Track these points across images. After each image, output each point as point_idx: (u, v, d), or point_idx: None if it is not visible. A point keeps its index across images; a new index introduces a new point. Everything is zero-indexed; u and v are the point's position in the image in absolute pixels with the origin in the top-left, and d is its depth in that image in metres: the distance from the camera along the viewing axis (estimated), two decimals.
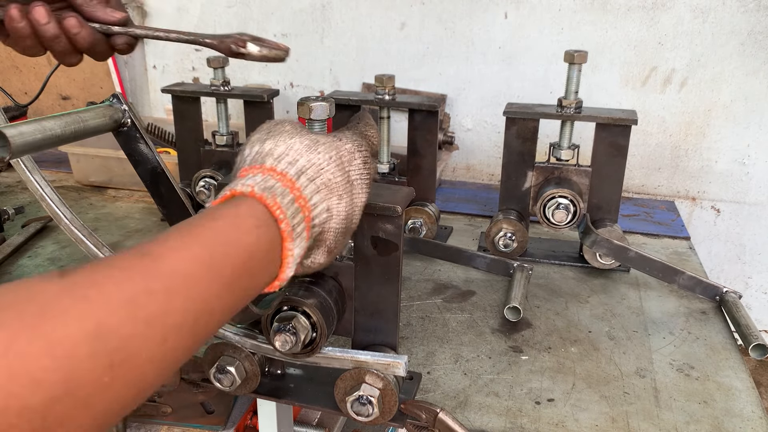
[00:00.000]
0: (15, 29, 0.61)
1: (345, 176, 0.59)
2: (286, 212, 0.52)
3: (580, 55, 1.15)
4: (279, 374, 0.87)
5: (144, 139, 0.70)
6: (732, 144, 1.72)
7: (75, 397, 0.35)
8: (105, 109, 0.65)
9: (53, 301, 0.36)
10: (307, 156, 0.57)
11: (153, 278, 0.41)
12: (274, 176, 0.54)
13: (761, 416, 0.85)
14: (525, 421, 0.84)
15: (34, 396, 0.33)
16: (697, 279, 1.12)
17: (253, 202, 0.51)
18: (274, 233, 0.51)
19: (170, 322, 0.41)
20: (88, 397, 0.36)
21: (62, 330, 0.35)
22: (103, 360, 0.37)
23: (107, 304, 0.38)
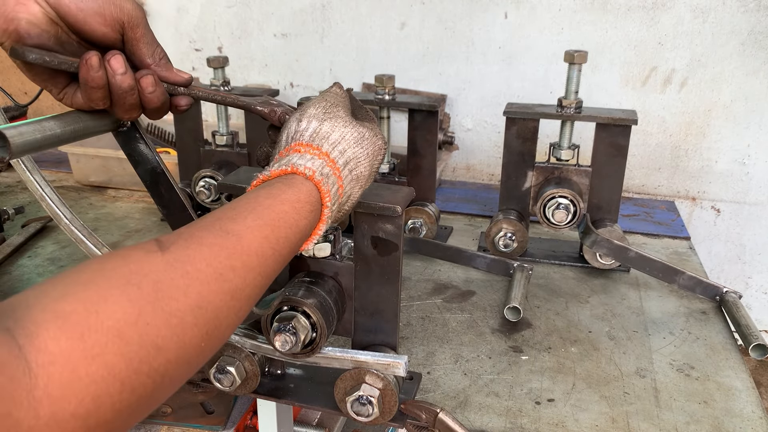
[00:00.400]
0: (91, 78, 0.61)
1: (371, 171, 0.66)
2: (332, 200, 0.59)
3: (580, 55, 1.15)
4: (279, 374, 0.87)
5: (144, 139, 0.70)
6: (732, 144, 1.72)
7: (183, 360, 0.42)
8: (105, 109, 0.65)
9: (163, 277, 0.42)
10: (353, 149, 0.63)
11: (235, 256, 0.47)
12: (328, 163, 0.60)
13: (761, 416, 0.85)
14: (525, 421, 0.84)
15: (157, 359, 0.39)
16: (697, 279, 1.12)
17: (312, 187, 0.58)
18: (318, 216, 0.58)
19: (245, 295, 0.48)
20: (190, 359, 0.43)
21: (174, 303, 0.42)
22: (203, 329, 0.43)
23: (202, 279, 0.44)
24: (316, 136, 0.62)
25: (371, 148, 0.65)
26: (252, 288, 0.49)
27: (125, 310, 0.39)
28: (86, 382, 0.35)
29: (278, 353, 0.76)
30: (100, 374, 0.36)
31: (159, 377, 0.40)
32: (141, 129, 0.71)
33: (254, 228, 0.51)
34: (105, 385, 0.36)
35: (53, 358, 0.34)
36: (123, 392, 0.37)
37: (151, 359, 0.39)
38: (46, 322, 0.35)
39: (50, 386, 0.34)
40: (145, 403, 0.40)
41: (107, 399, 0.36)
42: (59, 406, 0.34)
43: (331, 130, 0.62)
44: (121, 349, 0.37)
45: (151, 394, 0.40)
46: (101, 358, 0.36)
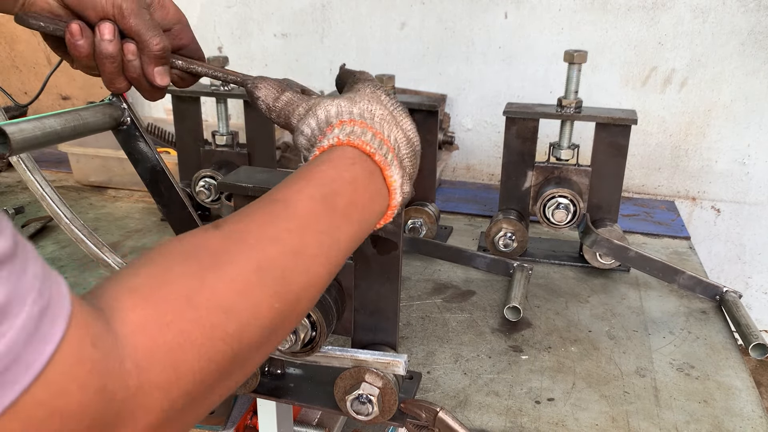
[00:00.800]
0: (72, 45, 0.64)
1: (387, 110, 0.64)
2: (374, 145, 0.58)
3: (580, 54, 1.15)
4: (279, 374, 0.87)
5: (144, 138, 0.70)
6: (732, 144, 1.73)
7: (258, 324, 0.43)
8: (105, 108, 0.65)
9: (220, 248, 0.44)
10: (356, 106, 0.63)
11: (288, 219, 0.49)
12: (348, 125, 0.60)
13: (761, 416, 0.85)
14: (525, 420, 0.83)
15: (230, 324, 0.40)
16: (697, 279, 1.12)
17: (343, 147, 0.58)
18: (371, 166, 0.58)
19: (309, 253, 0.49)
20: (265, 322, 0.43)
21: (236, 268, 0.43)
22: (271, 288, 0.44)
23: (260, 243, 0.45)
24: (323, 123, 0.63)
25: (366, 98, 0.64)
26: (316, 246, 0.49)
27: (188, 279, 0.40)
28: (164, 350, 0.36)
29: (278, 352, 0.76)
30: (176, 342, 0.37)
31: (236, 343, 0.40)
32: (141, 127, 0.71)
33: (297, 191, 0.52)
34: (182, 352, 0.37)
35: (134, 328, 0.36)
36: (201, 360, 0.38)
37: (224, 324, 0.40)
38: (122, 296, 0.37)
39: (136, 356, 0.35)
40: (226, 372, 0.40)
41: (186, 367, 0.37)
42: (145, 377, 0.35)
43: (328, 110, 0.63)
44: (192, 315, 0.38)
45: (231, 362, 0.40)
46: (175, 325, 0.37)
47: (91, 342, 0.33)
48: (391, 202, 0.60)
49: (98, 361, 0.33)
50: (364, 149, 0.58)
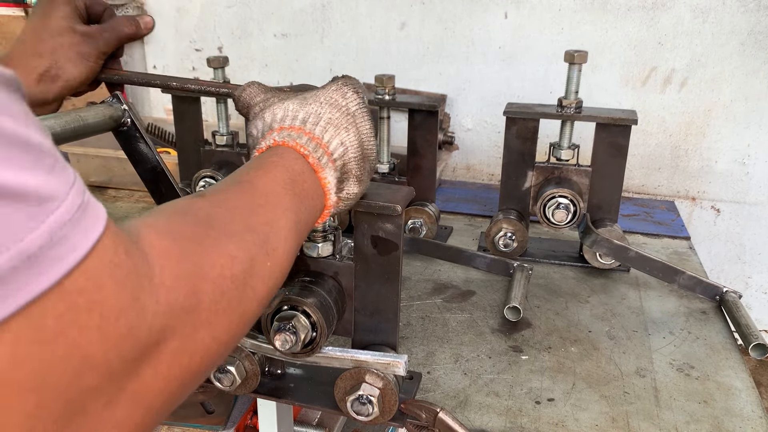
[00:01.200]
0: None
1: (342, 112, 0.66)
2: (308, 148, 0.62)
3: (580, 55, 1.15)
4: (279, 374, 0.87)
5: (144, 139, 0.70)
6: (732, 144, 1.73)
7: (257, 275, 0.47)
8: (105, 109, 0.65)
9: (211, 211, 0.48)
10: (303, 109, 0.65)
11: (257, 196, 0.53)
12: (286, 130, 0.64)
13: (761, 416, 0.85)
14: (525, 420, 0.84)
15: (235, 266, 0.44)
16: (697, 279, 1.12)
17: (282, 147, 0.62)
18: (308, 166, 0.62)
19: (282, 225, 0.53)
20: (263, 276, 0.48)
21: (229, 226, 0.47)
22: (261, 248, 0.48)
23: (242, 213, 0.50)
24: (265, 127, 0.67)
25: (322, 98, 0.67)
26: (285, 220, 0.54)
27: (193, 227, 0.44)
28: (186, 275, 0.39)
29: (278, 353, 0.76)
30: (194, 271, 0.40)
31: (242, 284, 0.44)
32: (141, 128, 0.71)
33: (260, 175, 0.56)
34: (199, 281, 0.40)
35: (161, 252, 0.38)
36: (215, 292, 0.41)
37: (230, 266, 0.44)
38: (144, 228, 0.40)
39: (164, 275, 0.37)
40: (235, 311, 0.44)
41: (204, 297, 0.40)
42: (172, 296, 0.37)
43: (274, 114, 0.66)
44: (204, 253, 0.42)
45: (240, 302, 0.44)
46: (190, 258, 0.41)
47: (124, 251, 0.35)
48: (326, 202, 0.64)
49: (132, 269, 0.35)
50: (299, 150, 0.62)
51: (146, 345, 0.35)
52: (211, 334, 0.41)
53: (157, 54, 2.10)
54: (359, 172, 0.67)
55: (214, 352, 0.42)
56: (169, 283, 0.37)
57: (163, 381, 0.37)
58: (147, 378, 0.35)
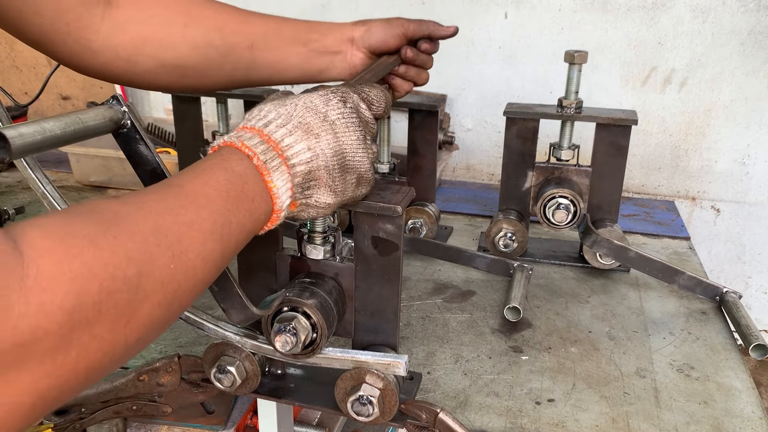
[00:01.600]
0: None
1: (320, 117, 0.65)
2: (255, 150, 0.60)
3: (580, 55, 1.15)
4: (279, 374, 0.87)
5: (144, 141, 0.70)
6: (732, 144, 1.73)
7: (156, 278, 0.46)
8: (105, 111, 0.65)
9: (119, 210, 0.47)
10: (276, 110, 0.65)
11: (182, 197, 0.52)
12: (243, 131, 0.63)
13: (761, 416, 0.85)
14: (525, 421, 0.84)
15: (130, 269, 0.43)
16: (697, 279, 1.12)
17: (230, 147, 0.61)
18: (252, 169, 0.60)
19: (205, 228, 0.52)
20: (162, 279, 0.47)
21: (134, 226, 0.46)
22: (167, 250, 0.47)
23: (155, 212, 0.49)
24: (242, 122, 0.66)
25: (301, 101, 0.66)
26: (211, 223, 0.53)
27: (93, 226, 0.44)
28: (69, 276, 0.39)
29: (279, 354, 0.76)
30: (80, 272, 0.40)
31: (134, 288, 0.44)
32: (141, 130, 0.71)
33: (191, 178, 0.55)
34: (85, 282, 0.40)
35: (41, 253, 0.38)
36: (102, 293, 0.41)
37: (124, 267, 0.43)
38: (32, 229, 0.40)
39: (39, 277, 0.37)
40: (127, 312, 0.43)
41: (88, 298, 0.40)
42: (47, 297, 0.37)
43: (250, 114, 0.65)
44: (96, 254, 0.42)
45: (130, 305, 0.44)
46: (80, 258, 0.40)
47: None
48: (275, 207, 0.62)
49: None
50: (244, 151, 0.60)
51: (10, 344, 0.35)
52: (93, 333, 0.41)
53: None
54: (332, 182, 0.65)
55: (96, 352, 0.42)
56: (45, 284, 0.37)
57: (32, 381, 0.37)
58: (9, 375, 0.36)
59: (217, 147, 0.62)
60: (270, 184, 0.60)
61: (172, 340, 1.02)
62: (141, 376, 0.90)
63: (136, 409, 0.94)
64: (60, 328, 0.38)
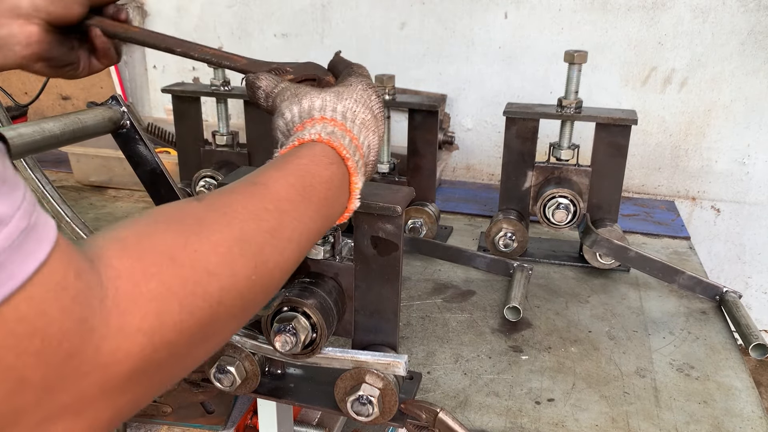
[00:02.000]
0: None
1: (372, 113, 0.66)
2: (349, 151, 0.61)
3: (580, 55, 1.15)
4: (279, 374, 0.87)
5: (143, 141, 0.70)
6: (732, 144, 1.72)
7: (237, 290, 0.44)
8: (104, 111, 0.65)
9: (204, 216, 0.45)
10: (341, 103, 0.64)
11: (266, 200, 0.51)
12: (329, 123, 0.62)
13: (761, 416, 0.85)
14: (525, 421, 0.84)
15: (211, 284, 0.42)
16: (697, 279, 1.12)
17: (323, 145, 0.60)
18: (343, 170, 0.60)
19: (285, 236, 0.50)
20: (243, 290, 0.45)
21: (219, 235, 0.44)
22: (250, 260, 0.46)
23: (240, 217, 0.47)
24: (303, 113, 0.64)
25: (356, 95, 0.66)
26: (290, 231, 0.51)
27: (173, 238, 0.42)
28: (147, 297, 0.38)
29: (278, 354, 0.76)
30: (158, 291, 0.38)
31: (215, 303, 0.42)
32: (140, 130, 0.71)
33: (278, 177, 0.54)
34: (164, 302, 0.38)
35: (119, 273, 0.37)
36: (182, 313, 0.39)
37: (205, 283, 0.41)
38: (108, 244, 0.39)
39: (118, 298, 0.36)
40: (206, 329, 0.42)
41: (168, 317, 0.38)
42: (126, 319, 0.36)
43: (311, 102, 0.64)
44: (175, 271, 0.40)
45: (210, 321, 0.42)
46: (158, 276, 0.39)
47: (74, 273, 0.34)
48: (349, 206, 0.63)
49: (81, 291, 0.34)
50: (341, 153, 0.60)
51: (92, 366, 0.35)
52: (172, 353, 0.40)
53: (157, 53, 2.09)
54: (370, 173, 0.68)
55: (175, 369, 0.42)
56: (123, 305, 0.36)
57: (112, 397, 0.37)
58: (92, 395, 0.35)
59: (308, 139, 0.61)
60: (355, 185, 0.62)
61: None
62: None
63: None
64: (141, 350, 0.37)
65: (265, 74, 0.69)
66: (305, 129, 0.62)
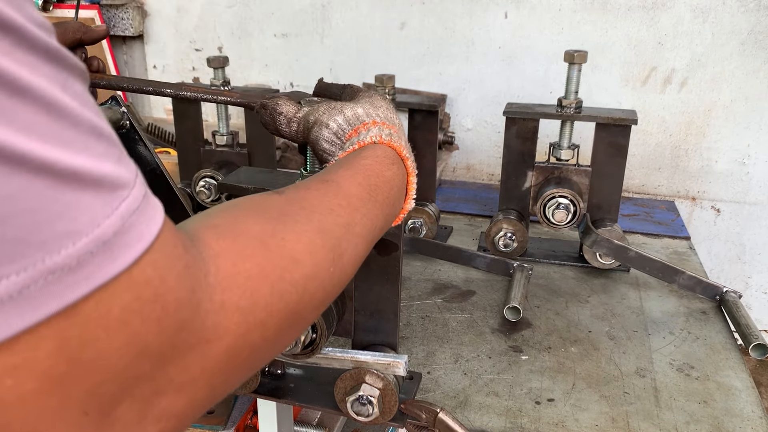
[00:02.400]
0: None
1: (399, 120, 0.69)
2: (408, 150, 0.63)
3: (580, 55, 1.15)
4: (279, 374, 0.87)
5: (143, 141, 0.70)
6: (732, 144, 1.72)
7: (318, 280, 0.45)
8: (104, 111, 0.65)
9: (286, 208, 0.47)
10: (382, 112, 0.67)
11: (339, 196, 0.53)
12: (384, 127, 0.64)
13: (761, 416, 0.85)
14: (525, 421, 0.84)
15: (297, 271, 0.43)
16: (697, 279, 1.12)
17: (384, 147, 0.62)
18: (403, 170, 0.63)
19: (357, 231, 0.52)
20: (324, 280, 0.46)
21: (301, 226, 0.46)
22: (329, 252, 0.47)
23: (318, 211, 0.49)
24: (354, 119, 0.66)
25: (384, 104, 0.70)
26: (361, 227, 0.53)
27: (262, 225, 0.44)
28: (244, 276, 0.39)
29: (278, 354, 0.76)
30: (253, 272, 0.40)
31: (301, 289, 0.43)
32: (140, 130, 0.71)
33: (347, 176, 0.56)
34: (258, 283, 0.40)
35: (218, 252, 0.38)
36: (273, 295, 0.41)
37: (292, 269, 0.43)
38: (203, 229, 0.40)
39: (219, 275, 0.37)
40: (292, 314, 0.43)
41: (261, 299, 0.40)
42: (227, 295, 0.37)
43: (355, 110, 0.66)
44: (266, 254, 0.41)
45: (296, 307, 0.43)
46: (252, 259, 0.40)
47: (182, 245, 0.35)
48: (405, 206, 0.64)
49: (190, 264, 0.35)
50: (401, 153, 0.62)
51: (197, 340, 0.35)
52: (263, 335, 0.40)
53: (157, 54, 2.10)
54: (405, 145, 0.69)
55: (263, 353, 0.42)
56: (224, 282, 0.37)
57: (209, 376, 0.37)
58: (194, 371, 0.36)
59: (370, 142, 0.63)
60: (412, 184, 0.64)
61: None
62: None
63: None
64: (238, 327, 0.38)
65: (283, 99, 0.70)
66: (360, 133, 0.64)
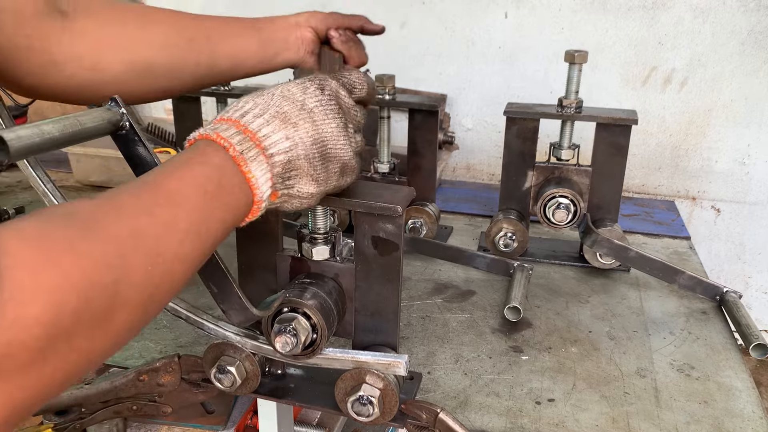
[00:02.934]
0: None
1: (297, 106, 0.65)
2: (230, 141, 0.60)
3: (580, 54, 1.15)
4: (279, 374, 0.87)
5: (142, 142, 0.70)
6: (732, 144, 1.73)
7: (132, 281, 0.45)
8: (103, 113, 0.64)
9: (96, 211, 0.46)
10: (252, 101, 0.65)
11: (158, 196, 0.52)
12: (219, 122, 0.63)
13: (761, 416, 0.85)
14: (525, 421, 0.84)
15: (108, 275, 0.43)
16: (697, 279, 1.12)
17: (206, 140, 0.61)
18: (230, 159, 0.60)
19: (181, 227, 0.51)
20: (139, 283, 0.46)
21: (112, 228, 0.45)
22: (144, 254, 0.47)
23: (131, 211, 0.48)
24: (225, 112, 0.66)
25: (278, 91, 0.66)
26: (187, 223, 0.52)
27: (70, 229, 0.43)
28: (46, 287, 0.38)
29: (279, 354, 0.76)
30: (57, 282, 0.39)
31: (112, 295, 0.43)
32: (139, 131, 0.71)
33: (167, 174, 0.55)
34: (63, 293, 0.39)
35: (16, 263, 0.37)
36: (80, 302, 0.40)
37: (102, 274, 0.42)
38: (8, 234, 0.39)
39: (14, 290, 0.36)
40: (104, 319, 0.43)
41: (67, 307, 0.39)
42: (23, 310, 0.36)
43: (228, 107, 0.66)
44: (75, 260, 0.41)
45: (108, 312, 0.43)
46: (58, 267, 0.39)
47: None
48: (254, 197, 0.61)
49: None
50: (219, 143, 0.60)
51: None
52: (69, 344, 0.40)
53: None
54: (314, 171, 0.65)
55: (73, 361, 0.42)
56: (20, 296, 0.36)
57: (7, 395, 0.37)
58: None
59: (193, 140, 0.62)
60: (248, 174, 0.60)
61: (172, 340, 1.02)
62: (141, 376, 0.90)
63: (136, 409, 0.94)
64: (37, 342, 0.37)
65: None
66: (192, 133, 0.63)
